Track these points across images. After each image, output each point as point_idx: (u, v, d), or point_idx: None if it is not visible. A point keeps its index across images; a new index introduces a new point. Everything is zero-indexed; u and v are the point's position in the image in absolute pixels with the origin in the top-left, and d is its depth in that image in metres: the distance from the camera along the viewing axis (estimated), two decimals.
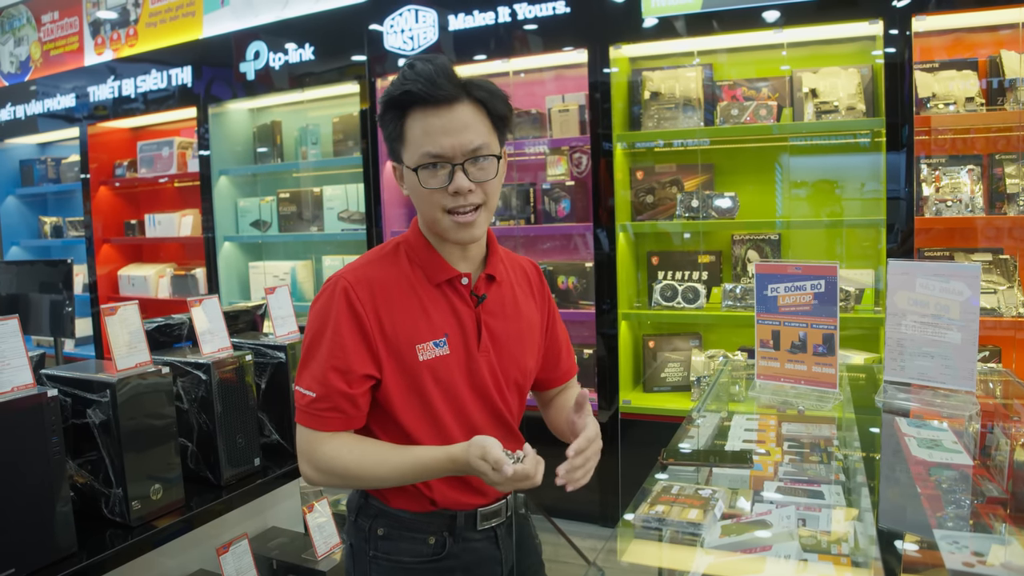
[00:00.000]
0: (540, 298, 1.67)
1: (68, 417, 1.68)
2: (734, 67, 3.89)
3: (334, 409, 1.40)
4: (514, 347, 1.55)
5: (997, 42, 3.35)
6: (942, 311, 1.83)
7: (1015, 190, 3.24)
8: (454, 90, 1.36)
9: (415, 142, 1.38)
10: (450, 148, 1.36)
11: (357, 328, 1.40)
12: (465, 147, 1.37)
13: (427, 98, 1.35)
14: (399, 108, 1.39)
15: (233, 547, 2.05)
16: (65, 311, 3.63)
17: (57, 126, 5.84)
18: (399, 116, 1.39)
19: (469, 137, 1.37)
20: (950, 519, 1.35)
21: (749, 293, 3.62)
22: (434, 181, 1.38)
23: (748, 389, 2.14)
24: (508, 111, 1.44)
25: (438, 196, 1.39)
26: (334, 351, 1.39)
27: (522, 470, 1.26)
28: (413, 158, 1.38)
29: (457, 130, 1.36)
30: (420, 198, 1.42)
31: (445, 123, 1.36)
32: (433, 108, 1.36)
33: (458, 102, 1.37)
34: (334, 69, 4.53)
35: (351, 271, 1.45)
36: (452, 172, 1.37)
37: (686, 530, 1.29)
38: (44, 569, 1.49)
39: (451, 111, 1.36)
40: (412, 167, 1.39)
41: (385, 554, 1.49)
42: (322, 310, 1.43)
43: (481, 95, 1.39)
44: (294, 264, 5.04)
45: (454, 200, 1.38)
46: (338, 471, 1.40)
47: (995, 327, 3.19)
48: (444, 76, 1.36)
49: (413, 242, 1.50)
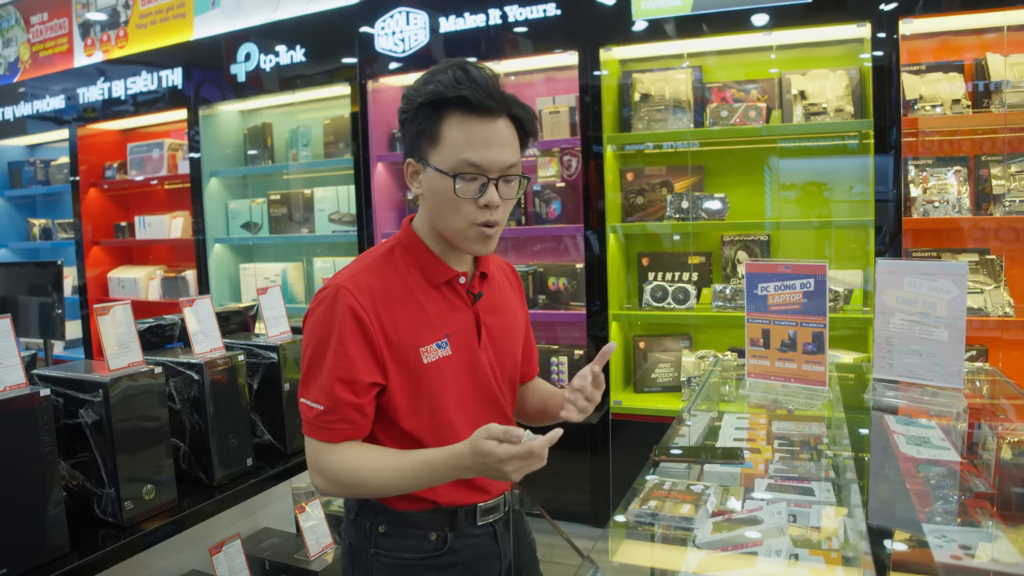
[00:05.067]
0: (520, 297, 1.70)
1: (60, 417, 1.67)
2: (723, 69, 3.91)
3: (342, 420, 1.39)
4: (507, 341, 1.57)
5: (982, 45, 3.39)
6: (929, 309, 1.85)
7: (1001, 191, 3.28)
8: (501, 104, 1.37)
9: (454, 147, 1.36)
10: (490, 161, 1.36)
11: (362, 337, 1.38)
12: (503, 163, 1.38)
13: (478, 106, 1.35)
14: (438, 107, 1.37)
15: (226, 547, 2.05)
16: (55, 313, 3.61)
17: (46, 128, 5.81)
18: (437, 115, 1.37)
19: (508, 154, 1.38)
20: (938, 514, 1.36)
21: (739, 294, 3.64)
22: (468, 191, 1.37)
23: (739, 388, 2.16)
24: (536, 132, 1.46)
25: (467, 207, 1.38)
26: (339, 362, 1.38)
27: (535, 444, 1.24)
28: (448, 163, 1.37)
29: (499, 145, 1.37)
30: (445, 204, 1.40)
31: (490, 136, 1.36)
32: (478, 117, 1.36)
33: (500, 117, 1.38)
34: (325, 71, 4.53)
35: (350, 279, 1.42)
36: (485, 185, 1.37)
37: (679, 524, 1.30)
38: (36, 569, 1.49)
39: (494, 124, 1.37)
40: (448, 172, 1.37)
41: (387, 551, 1.49)
42: (324, 319, 1.40)
43: (520, 113, 1.40)
44: (285, 266, 5.03)
45: (482, 214, 1.38)
46: (346, 480, 1.39)
47: (982, 327, 3.22)
48: (496, 88, 1.36)
49: (408, 244, 1.50)
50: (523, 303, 1.71)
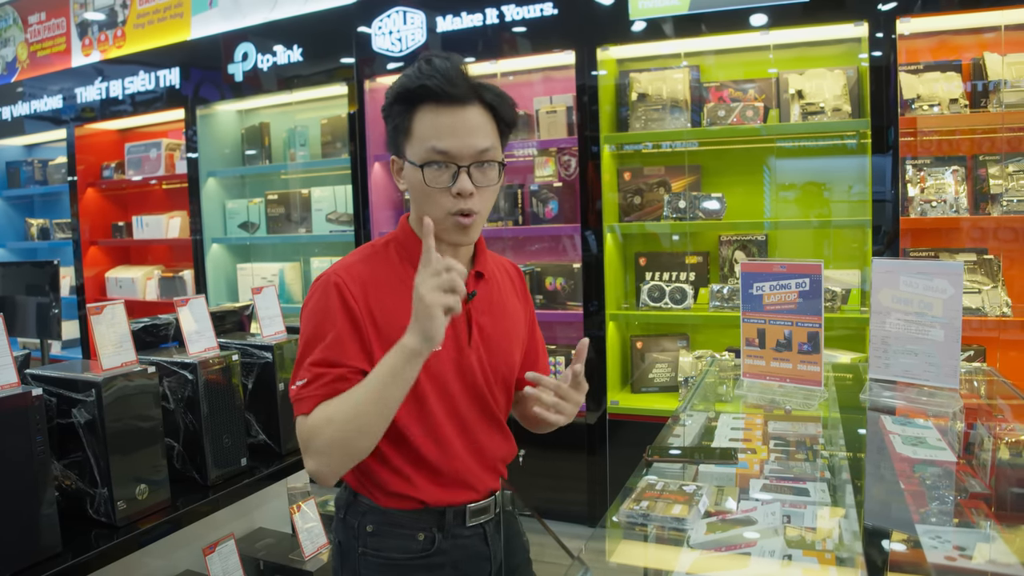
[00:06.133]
0: (523, 299, 1.69)
1: (53, 417, 1.67)
2: (721, 69, 3.91)
3: (325, 384, 1.36)
4: (503, 343, 1.56)
5: (980, 44, 3.39)
6: (925, 308, 1.84)
7: (999, 191, 3.27)
8: (468, 91, 1.36)
9: (422, 137, 1.37)
10: (458, 148, 1.36)
11: (351, 323, 1.40)
12: (473, 149, 1.37)
13: (441, 95, 1.35)
14: (409, 102, 1.38)
15: (220, 547, 2.04)
16: (51, 313, 3.61)
17: (44, 128, 5.81)
18: (408, 109, 1.38)
19: (478, 140, 1.37)
20: (934, 515, 1.36)
21: (736, 294, 3.63)
22: (439, 180, 1.37)
23: (735, 388, 2.15)
24: (514, 118, 1.45)
25: (441, 196, 1.38)
26: (329, 345, 1.39)
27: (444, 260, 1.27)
28: (418, 153, 1.38)
29: (467, 131, 1.36)
30: (421, 196, 1.41)
31: (456, 122, 1.36)
32: (446, 106, 1.35)
33: (470, 104, 1.37)
34: (322, 71, 4.53)
35: (342, 268, 1.44)
36: (457, 173, 1.37)
37: (671, 525, 1.29)
38: (28, 569, 1.48)
39: (463, 111, 1.36)
40: (417, 163, 1.38)
41: (375, 551, 1.49)
42: (315, 308, 1.42)
43: (492, 99, 1.39)
44: (282, 266, 5.03)
45: (456, 203, 1.38)
46: (330, 433, 1.32)
47: (980, 327, 3.22)
48: (460, 75, 1.36)
49: (403, 240, 1.51)
50: (527, 305, 1.70)
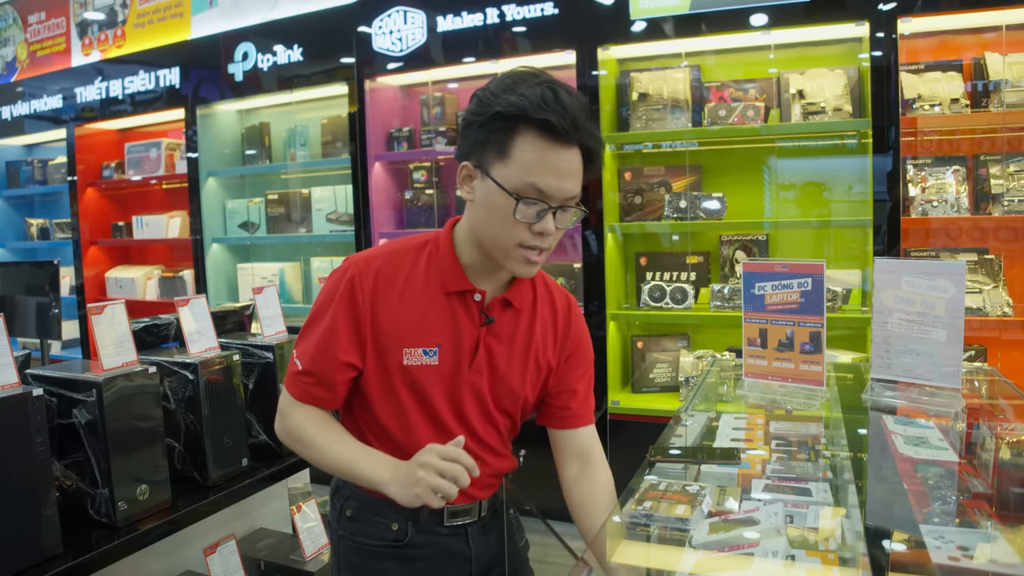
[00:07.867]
0: (562, 334, 1.59)
1: (53, 417, 1.66)
2: (722, 68, 3.90)
3: (313, 385, 1.45)
4: (513, 375, 1.51)
5: (981, 44, 3.38)
6: (927, 308, 1.84)
7: (999, 191, 3.27)
8: (580, 136, 1.33)
9: (524, 166, 1.31)
10: (555, 190, 1.33)
11: (352, 316, 1.42)
12: (567, 194, 1.35)
13: (560, 134, 1.30)
14: (515, 121, 1.31)
15: (221, 548, 2.04)
16: (51, 313, 3.60)
17: (44, 127, 5.80)
18: (510, 127, 1.31)
19: (574, 185, 1.35)
20: (936, 515, 1.36)
21: (737, 294, 3.63)
22: (527, 216, 1.34)
23: (736, 388, 2.15)
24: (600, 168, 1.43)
25: (520, 228, 1.35)
26: (326, 333, 1.43)
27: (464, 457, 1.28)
28: (514, 182, 1.32)
29: (568, 175, 1.34)
30: (498, 220, 1.36)
31: (562, 164, 1.32)
32: (553, 143, 1.31)
33: (575, 147, 1.33)
34: (322, 71, 4.52)
35: (364, 259, 1.46)
36: (543, 212, 1.34)
37: (674, 525, 1.29)
38: (29, 570, 1.48)
39: (567, 153, 1.33)
40: (511, 191, 1.32)
41: (351, 535, 1.53)
42: (329, 289, 1.46)
43: (593, 146, 1.36)
44: (282, 266, 5.02)
45: (533, 238, 1.36)
46: (298, 438, 1.47)
47: (981, 327, 3.21)
48: (582, 118, 1.32)
49: (439, 246, 1.48)
50: (566, 341, 1.59)
